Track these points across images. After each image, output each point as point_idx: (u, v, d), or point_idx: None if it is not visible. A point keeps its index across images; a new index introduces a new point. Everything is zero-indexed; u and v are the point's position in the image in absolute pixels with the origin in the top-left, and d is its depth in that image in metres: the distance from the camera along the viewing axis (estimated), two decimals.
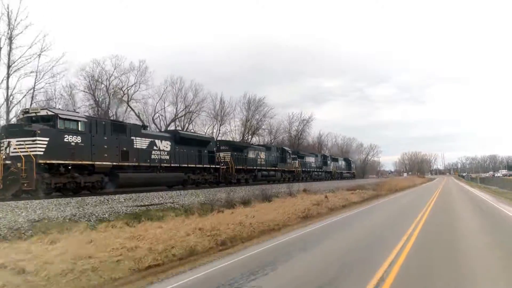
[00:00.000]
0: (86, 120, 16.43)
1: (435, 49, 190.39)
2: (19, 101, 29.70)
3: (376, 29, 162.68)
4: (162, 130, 34.91)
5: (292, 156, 39.47)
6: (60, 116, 15.25)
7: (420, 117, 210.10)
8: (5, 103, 28.60)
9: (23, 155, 13.58)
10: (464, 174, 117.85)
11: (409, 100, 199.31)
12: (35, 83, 30.29)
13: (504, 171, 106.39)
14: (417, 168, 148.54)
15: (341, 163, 61.71)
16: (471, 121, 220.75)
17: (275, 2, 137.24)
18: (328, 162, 52.96)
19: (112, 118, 33.44)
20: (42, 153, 14.14)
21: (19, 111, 18.90)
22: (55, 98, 35.10)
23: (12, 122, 24.09)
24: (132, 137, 18.82)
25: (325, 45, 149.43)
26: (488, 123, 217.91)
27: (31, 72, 29.47)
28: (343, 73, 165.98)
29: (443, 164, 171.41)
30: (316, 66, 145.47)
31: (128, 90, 41.59)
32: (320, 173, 48.11)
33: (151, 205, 13.76)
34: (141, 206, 13.27)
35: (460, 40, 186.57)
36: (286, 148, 40.09)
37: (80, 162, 15.54)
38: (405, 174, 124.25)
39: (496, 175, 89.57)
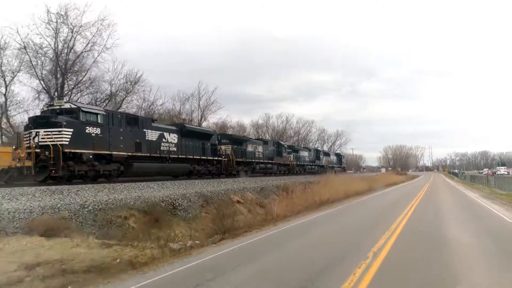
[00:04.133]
0: (104, 113, 17.67)
1: (427, 44, 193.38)
2: None
3: (366, 24, 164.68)
4: None
5: (287, 150, 41.14)
6: (82, 109, 16.49)
7: (410, 113, 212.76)
8: None
9: (51, 144, 14.80)
10: (456, 171, 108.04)
11: (399, 96, 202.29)
12: None
13: (503, 168, 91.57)
14: (400, 163, 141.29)
15: (333, 157, 63.95)
16: (461, 117, 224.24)
17: None
18: (321, 156, 54.98)
19: None
20: (67, 142, 15.36)
21: (44, 105, 19.92)
22: None
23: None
24: (144, 130, 20.09)
25: (315, 39, 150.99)
26: (479, 119, 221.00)
27: None
28: (333, 67, 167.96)
29: (431, 159, 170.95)
30: (307, 60, 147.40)
31: None
32: (313, 166, 49.89)
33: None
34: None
35: (452, 36, 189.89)
36: (282, 143, 41.77)
37: (100, 152, 16.82)
38: (383, 170, 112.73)
39: (497, 173, 73.46)
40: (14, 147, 14.75)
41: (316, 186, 26.03)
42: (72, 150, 15.52)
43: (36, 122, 15.69)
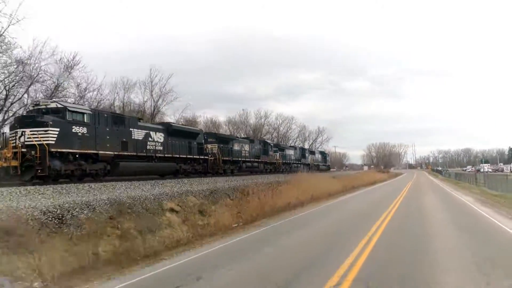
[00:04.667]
0: (91, 112, 17.74)
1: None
2: None
3: (353, 23, 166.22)
4: None
5: (273, 148, 41.63)
6: (69, 108, 16.54)
7: (395, 111, 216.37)
8: None
9: (37, 144, 14.84)
10: (440, 168, 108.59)
11: (383, 95, 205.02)
12: None
13: (486, 166, 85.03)
14: (383, 161, 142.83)
15: (318, 156, 64.75)
16: (444, 115, 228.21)
17: None
18: (306, 155, 55.80)
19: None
20: (53, 142, 15.40)
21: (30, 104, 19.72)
22: None
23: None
24: (130, 129, 20.18)
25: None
26: (462, 117, 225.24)
27: None
28: (318, 66, 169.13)
29: (414, 157, 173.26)
30: (291, 58, 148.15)
31: None
32: (299, 165, 50.50)
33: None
34: None
35: (435, 35, 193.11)
36: (268, 141, 42.26)
37: (86, 151, 16.90)
38: (365, 168, 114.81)
39: (481, 170, 68.84)
40: (0, 147, 14.74)
41: (285, 186, 24.13)
42: (59, 150, 15.60)
43: (22, 122, 15.70)
